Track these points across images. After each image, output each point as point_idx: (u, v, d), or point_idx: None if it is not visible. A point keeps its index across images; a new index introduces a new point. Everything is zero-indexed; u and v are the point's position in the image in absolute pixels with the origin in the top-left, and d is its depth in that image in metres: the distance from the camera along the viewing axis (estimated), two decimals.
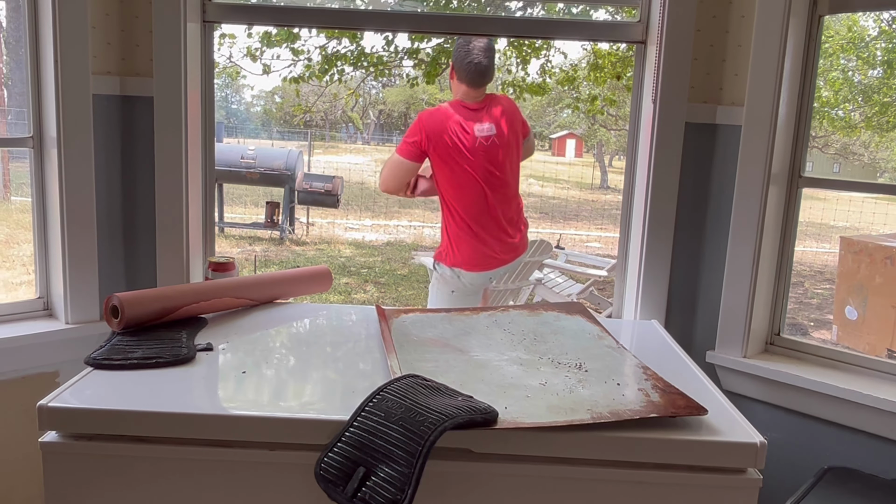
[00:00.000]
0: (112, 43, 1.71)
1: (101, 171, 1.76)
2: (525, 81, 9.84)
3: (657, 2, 1.82)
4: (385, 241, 10.45)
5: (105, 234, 1.81)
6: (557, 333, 1.62)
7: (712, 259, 1.90)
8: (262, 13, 1.76)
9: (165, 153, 1.73)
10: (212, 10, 1.76)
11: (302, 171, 9.86)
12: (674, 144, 1.83)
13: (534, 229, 13.08)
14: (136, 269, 1.85)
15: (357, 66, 7.04)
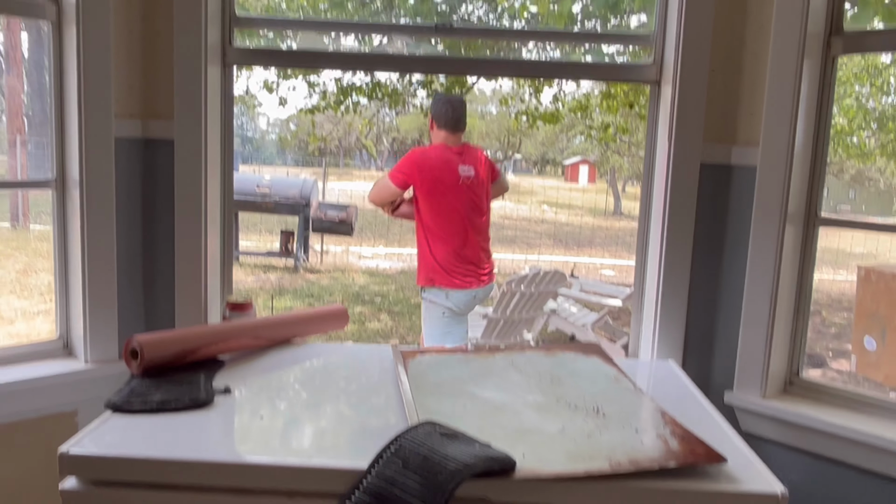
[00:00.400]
0: (134, 86, 1.74)
1: (122, 213, 1.79)
2: (538, 110, 9.91)
3: (671, 43, 1.84)
4: (399, 269, 10.47)
5: (125, 274, 1.83)
6: (574, 375, 1.61)
7: (729, 298, 1.89)
8: (281, 57, 1.79)
9: (185, 195, 1.75)
10: (232, 54, 1.79)
11: (316, 200, 9.93)
12: (689, 184, 1.84)
13: (547, 256, 13.06)
14: (156, 309, 1.86)
15: (372, 98, 7.12)
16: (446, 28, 1.86)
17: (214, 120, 1.80)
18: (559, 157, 58.15)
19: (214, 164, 1.80)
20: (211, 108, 1.76)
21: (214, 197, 1.82)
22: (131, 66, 1.73)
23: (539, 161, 65.10)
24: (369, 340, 6.42)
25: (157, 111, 1.75)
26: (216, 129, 1.81)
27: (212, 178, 1.80)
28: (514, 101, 10.23)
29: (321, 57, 1.77)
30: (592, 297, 6.76)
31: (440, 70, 1.89)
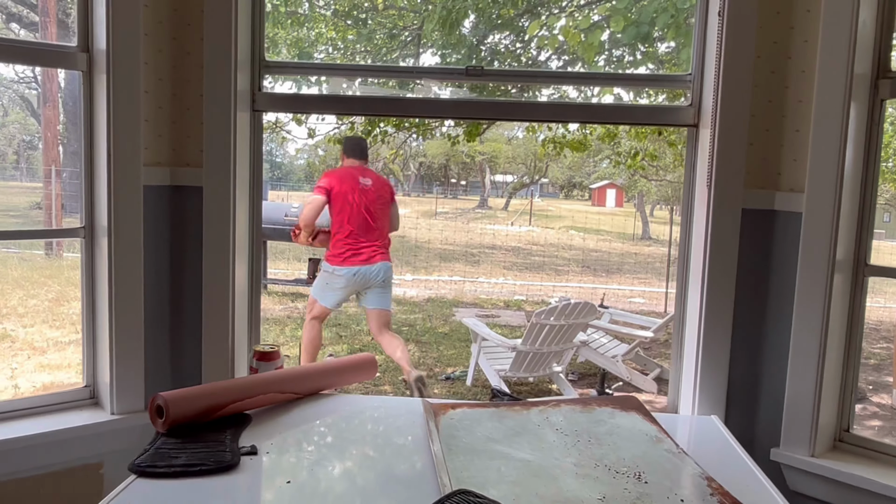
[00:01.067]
0: (163, 135, 1.73)
1: (150, 261, 1.77)
2: (565, 137, 9.87)
3: (709, 85, 1.78)
4: (426, 297, 10.42)
5: (152, 323, 1.81)
6: (613, 434, 1.55)
7: (774, 349, 1.81)
8: (310, 102, 1.77)
9: (213, 244, 1.73)
10: (261, 100, 1.78)
11: None
12: (730, 231, 1.77)
13: (575, 284, 12.93)
14: (183, 357, 1.84)
15: (399, 128, 7.13)
16: (477, 71, 1.83)
17: (243, 166, 1.78)
18: (586, 181, 58.02)
19: (243, 211, 1.78)
20: (240, 154, 1.74)
21: (242, 244, 1.80)
22: (160, 114, 1.73)
23: (565, 185, 64.92)
24: (396, 371, 6.36)
25: (186, 158, 1.74)
26: (245, 174, 1.79)
27: (240, 226, 1.78)
28: (542, 129, 10.20)
29: (351, 101, 1.74)
30: (623, 328, 6.64)
31: (472, 114, 1.84)
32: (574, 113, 1.89)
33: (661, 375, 6.65)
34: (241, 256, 1.81)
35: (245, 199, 1.79)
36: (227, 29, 1.71)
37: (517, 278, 13.53)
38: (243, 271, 1.83)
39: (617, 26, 4.18)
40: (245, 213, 1.80)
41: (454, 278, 12.90)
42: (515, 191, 48.99)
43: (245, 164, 1.79)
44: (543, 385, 6.15)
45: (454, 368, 6.53)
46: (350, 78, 1.79)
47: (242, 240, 1.80)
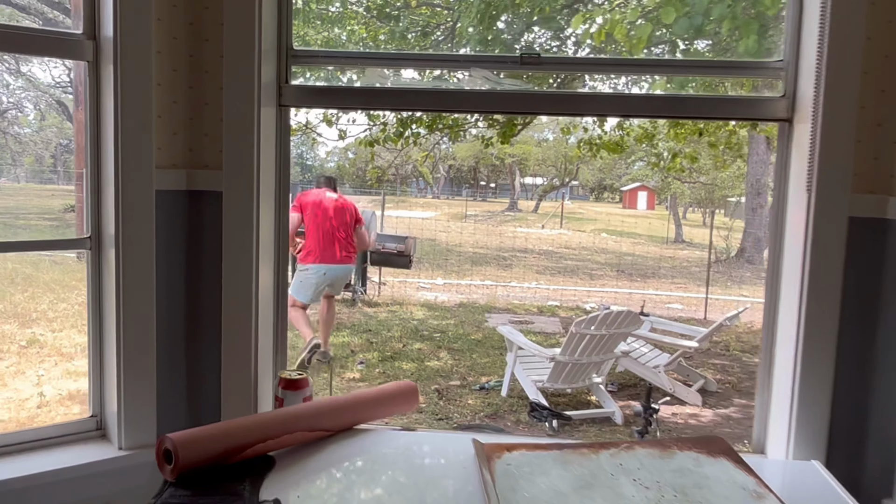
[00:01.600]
0: (179, 133, 1.52)
1: (163, 275, 1.55)
2: (601, 139, 9.56)
3: (808, 73, 1.52)
4: (458, 302, 10.19)
5: (165, 346, 1.59)
6: (703, 487, 1.30)
7: (886, 381, 1.54)
8: (342, 96, 1.55)
9: (234, 255, 1.51)
10: (289, 94, 1.56)
11: (375, 232, 9.76)
12: (834, 243, 1.51)
13: (610, 289, 12.60)
14: (200, 384, 1.62)
15: (432, 130, 6.91)
16: (533, 59, 1.60)
17: (268, 168, 1.56)
18: (617, 183, 57.44)
19: (267, 219, 1.56)
20: (265, 155, 1.52)
21: (267, 256, 1.58)
22: (175, 110, 1.51)
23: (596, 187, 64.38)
24: (428, 380, 6.14)
25: (204, 160, 1.52)
26: (270, 177, 1.57)
27: (264, 235, 1.56)
28: (577, 129, 9.91)
29: (387, 94, 1.52)
30: (666, 337, 6.33)
31: (525, 108, 1.59)
32: (643, 106, 1.63)
33: (705, 387, 6.34)
34: (265, 270, 1.58)
35: (270, 205, 1.57)
36: (250, 13, 1.49)
37: (550, 283, 13.24)
38: (268, 287, 1.60)
39: (668, 18, 3.90)
40: (270, 221, 1.58)
41: (486, 283, 12.64)
42: (546, 193, 48.55)
43: (270, 166, 1.57)
44: (582, 396, 5.88)
45: (489, 378, 6.28)
46: (389, 68, 1.56)
47: (267, 251, 1.58)
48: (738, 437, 5.30)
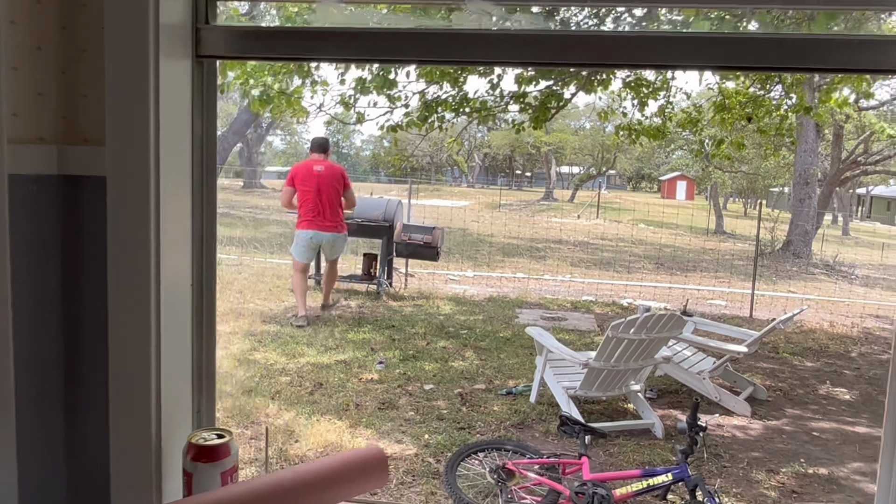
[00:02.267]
0: (45, 93, 1.06)
1: (24, 299, 1.08)
2: (641, 125, 9.00)
3: None
4: (487, 296, 9.73)
5: (29, 401, 1.12)
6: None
7: None
8: (291, 41, 1.10)
9: (122, 267, 1.05)
10: (211, 40, 1.11)
11: (401, 222, 9.33)
12: None
13: (649, 284, 12.02)
14: (81, 450, 1.15)
15: (459, 113, 6.43)
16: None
17: (177, 145, 1.10)
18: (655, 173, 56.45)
19: (176, 213, 1.11)
20: (171, 127, 1.06)
21: (176, 263, 1.12)
22: (39, 61, 1.06)
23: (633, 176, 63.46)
24: (452, 383, 5.71)
25: (83, 132, 1.08)
26: (181, 158, 1.11)
27: (172, 235, 1.10)
28: (616, 115, 9.35)
29: (353, 38, 1.06)
30: (712, 341, 5.80)
31: (553, 58, 1.08)
32: (733, 52, 1.12)
33: (754, 395, 5.80)
34: (173, 285, 1.13)
35: (182, 196, 1.13)
36: None
37: (585, 276, 12.70)
38: (180, 305, 1.15)
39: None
40: (182, 216, 1.13)
41: (518, 275, 12.16)
42: (582, 182, 47.78)
43: (180, 141, 1.11)
44: (617, 404, 5.40)
45: (517, 382, 5.83)
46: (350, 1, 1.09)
47: (176, 258, 1.13)
48: (792, 453, 4.77)
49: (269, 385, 5.40)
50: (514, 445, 4.05)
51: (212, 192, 1.17)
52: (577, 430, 3.79)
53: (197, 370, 1.20)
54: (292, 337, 6.77)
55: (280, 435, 4.45)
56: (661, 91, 8.79)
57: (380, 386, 5.56)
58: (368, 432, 4.63)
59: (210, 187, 1.17)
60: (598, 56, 1.10)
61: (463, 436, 4.63)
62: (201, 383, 1.21)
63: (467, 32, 1.07)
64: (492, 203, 36.71)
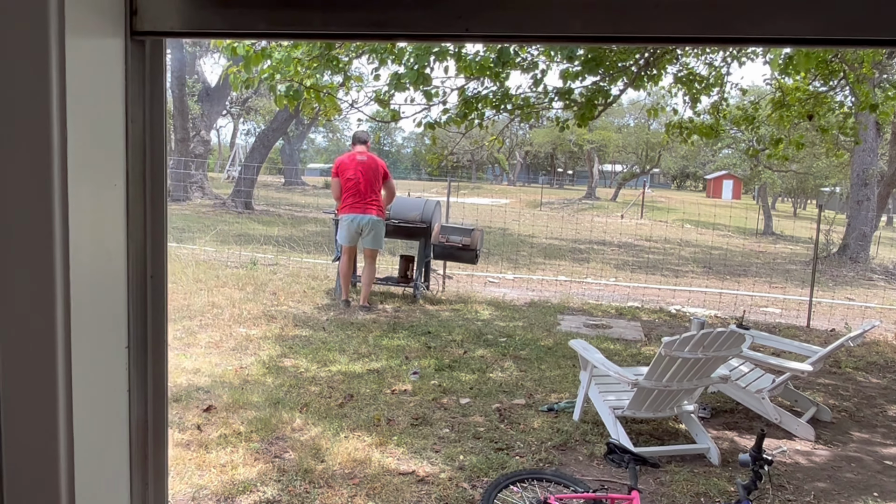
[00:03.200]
0: None
1: None
2: (693, 122, 8.53)
3: None
4: (528, 301, 9.37)
5: None
6: None
7: None
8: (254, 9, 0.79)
9: (9, 308, 0.75)
10: (153, 9, 0.80)
11: (439, 224, 9.02)
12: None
13: (698, 289, 11.50)
14: None
15: (500, 110, 6.08)
16: None
17: (98, 158, 0.79)
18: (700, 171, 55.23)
19: (105, 245, 0.80)
20: (84, 129, 0.76)
21: (105, 301, 0.82)
22: None
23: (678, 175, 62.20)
24: (489, 397, 5.38)
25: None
26: (110, 174, 0.81)
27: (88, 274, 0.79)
28: (665, 112, 8.89)
29: (352, 4, 0.76)
30: (773, 359, 5.36)
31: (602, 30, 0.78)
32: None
33: (817, 416, 5.35)
34: (101, 341, 0.83)
35: (109, 224, 0.82)
36: None
37: (630, 279, 12.23)
38: (112, 366, 0.85)
39: None
40: (112, 245, 0.82)
41: (559, 278, 11.75)
42: (625, 181, 46.95)
43: (103, 148, 0.80)
44: (668, 424, 5.00)
45: (559, 397, 5.47)
46: None
47: (104, 301, 0.82)
48: (864, 485, 4.33)
49: (298, 396, 5.14)
50: (557, 476, 3.70)
51: (159, 210, 0.87)
52: (627, 460, 3.43)
53: (138, 441, 0.89)
54: (324, 343, 6.52)
55: (305, 452, 4.17)
56: (715, 87, 8.32)
57: (413, 398, 5.26)
58: (399, 451, 4.33)
59: (156, 205, 0.86)
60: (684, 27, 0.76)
61: (501, 457, 4.30)
62: (145, 457, 0.90)
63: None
64: (533, 201, 36.24)
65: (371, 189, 7.79)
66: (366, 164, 7.74)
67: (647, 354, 6.79)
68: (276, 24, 0.79)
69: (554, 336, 7.44)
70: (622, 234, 20.80)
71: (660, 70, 7.16)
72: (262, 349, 6.23)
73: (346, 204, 7.80)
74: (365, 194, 7.76)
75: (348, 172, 7.72)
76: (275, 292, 8.65)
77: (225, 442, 4.27)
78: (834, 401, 5.90)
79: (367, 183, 7.76)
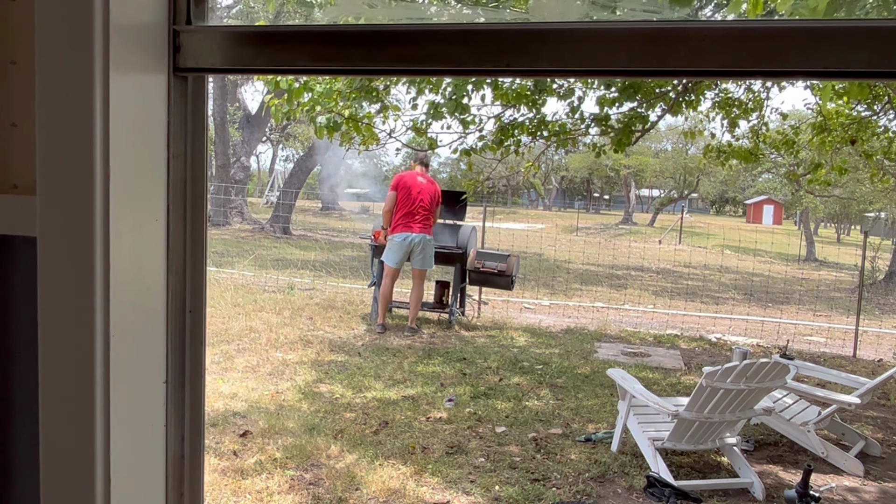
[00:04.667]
0: None
1: None
2: (731, 146, 8.41)
3: None
4: (564, 327, 9.27)
5: None
6: None
7: None
8: (301, 44, 0.80)
9: (58, 356, 0.76)
10: (196, 45, 0.81)
11: (475, 249, 9.01)
12: None
13: (739, 317, 11.27)
14: None
15: (536, 136, 6.08)
16: None
17: (143, 192, 0.81)
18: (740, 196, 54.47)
19: (146, 289, 0.81)
20: (128, 166, 0.77)
21: (146, 346, 0.83)
22: None
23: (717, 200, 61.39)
24: (525, 426, 5.30)
25: (11, 176, 0.79)
26: (152, 207, 0.82)
27: (129, 322, 0.80)
28: (703, 136, 8.81)
29: (383, 38, 0.76)
30: (819, 391, 5.20)
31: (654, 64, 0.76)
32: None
33: (865, 450, 5.16)
34: (139, 377, 0.84)
35: (151, 257, 0.82)
36: None
37: (668, 306, 12.04)
38: (150, 404, 0.85)
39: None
40: (152, 290, 0.83)
41: (596, 304, 11.62)
42: (663, 206, 46.46)
43: (148, 183, 0.81)
44: (710, 457, 4.87)
45: (596, 427, 5.37)
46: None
47: (146, 346, 0.83)
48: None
49: (333, 422, 5.13)
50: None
51: (199, 245, 0.87)
52: (668, 494, 3.35)
53: (174, 476, 0.89)
54: (360, 368, 6.52)
55: (339, 481, 4.15)
56: (754, 111, 8.21)
57: (448, 426, 5.21)
58: (434, 480, 4.28)
59: (196, 239, 0.87)
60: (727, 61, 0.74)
61: (537, 489, 4.23)
62: (181, 494, 0.89)
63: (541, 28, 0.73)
64: (569, 226, 36.03)
65: (425, 210, 7.83)
66: (425, 186, 7.82)
67: (686, 384, 6.65)
68: (316, 60, 0.79)
69: (591, 364, 7.34)
70: (660, 259, 20.53)
71: (698, 96, 7.09)
72: (299, 374, 6.25)
73: (401, 223, 7.78)
74: (418, 214, 7.78)
75: (413, 191, 7.73)
76: (311, 317, 8.70)
77: (261, 468, 4.27)
78: (883, 434, 5.70)
79: (424, 204, 7.79)
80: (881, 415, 6.30)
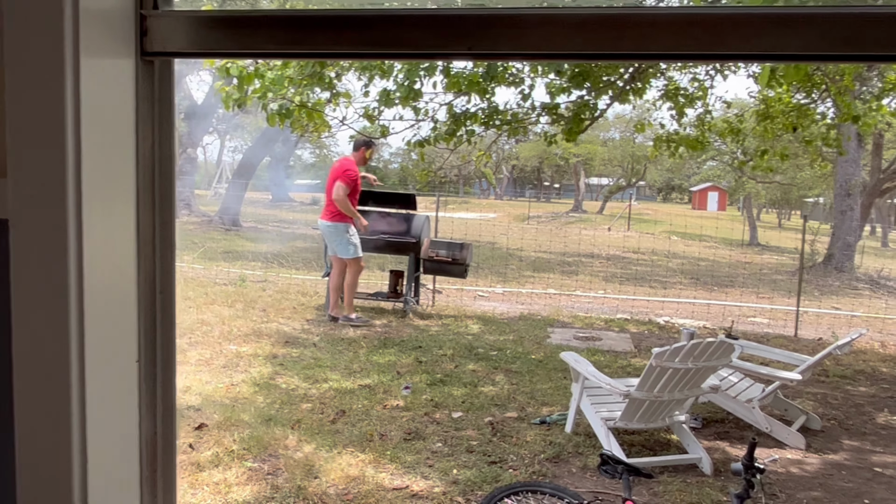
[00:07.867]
0: None
1: None
2: (679, 135, 8.63)
3: None
4: (517, 314, 9.39)
5: None
6: None
7: None
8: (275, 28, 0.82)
9: (29, 339, 0.77)
10: (163, 30, 0.82)
11: (428, 238, 9.04)
12: None
13: (686, 300, 11.58)
14: None
15: (488, 126, 6.13)
16: None
17: (112, 175, 0.82)
18: (685, 183, 55.66)
19: (117, 268, 0.83)
20: (97, 148, 0.78)
21: (117, 326, 0.84)
22: None
23: (663, 188, 62.65)
24: (482, 410, 5.38)
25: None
26: (121, 190, 0.83)
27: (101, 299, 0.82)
28: (652, 127, 9.00)
29: (362, 22, 0.78)
30: (762, 368, 5.40)
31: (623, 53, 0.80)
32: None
33: (807, 424, 5.39)
34: (111, 358, 0.85)
35: (119, 240, 0.84)
36: None
37: (618, 291, 12.29)
38: (122, 385, 0.87)
39: None
40: (123, 268, 0.84)
41: (549, 291, 11.79)
42: (612, 194, 47.21)
43: (116, 167, 0.82)
44: (660, 435, 5.02)
45: (550, 410, 5.48)
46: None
47: (117, 325, 0.85)
48: (855, 493, 4.36)
49: (290, 413, 5.12)
50: (551, 488, 3.71)
51: (167, 227, 0.88)
52: (620, 471, 3.44)
53: (148, 455, 0.91)
54: (315, 359, 6.50)
55: (298, 470, 4.16)
56: (699, 100, 8.43)
57: (405, 413, 5.25)
58: (393, 466, 4.32)
59: (165, 222, 0.88)
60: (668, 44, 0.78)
61: (494, 471, 4.30)
62: (154, 471, 0.91)
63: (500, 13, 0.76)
64: (520, 215, 36.33)
65: (328, 193, 7.96)
66: (333, 168, 8.04)
67: (637, 366, 6.82)
68: (284, 45, 0.81)
69: (544, 349, 7.46)
70: (610, 246, 20.90)
71: (644, 84, 7.24)
72: (253, 366, 6.20)
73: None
74: (327, 201, 7.94)
75: (328, 179, 7.96)
76: (264, 309, 8.62)
77: (217, 460, 4.24)
78: (823, 409, 5.95)
79: (328, 187, 7.94)
80: (821, 391, 6.56)
